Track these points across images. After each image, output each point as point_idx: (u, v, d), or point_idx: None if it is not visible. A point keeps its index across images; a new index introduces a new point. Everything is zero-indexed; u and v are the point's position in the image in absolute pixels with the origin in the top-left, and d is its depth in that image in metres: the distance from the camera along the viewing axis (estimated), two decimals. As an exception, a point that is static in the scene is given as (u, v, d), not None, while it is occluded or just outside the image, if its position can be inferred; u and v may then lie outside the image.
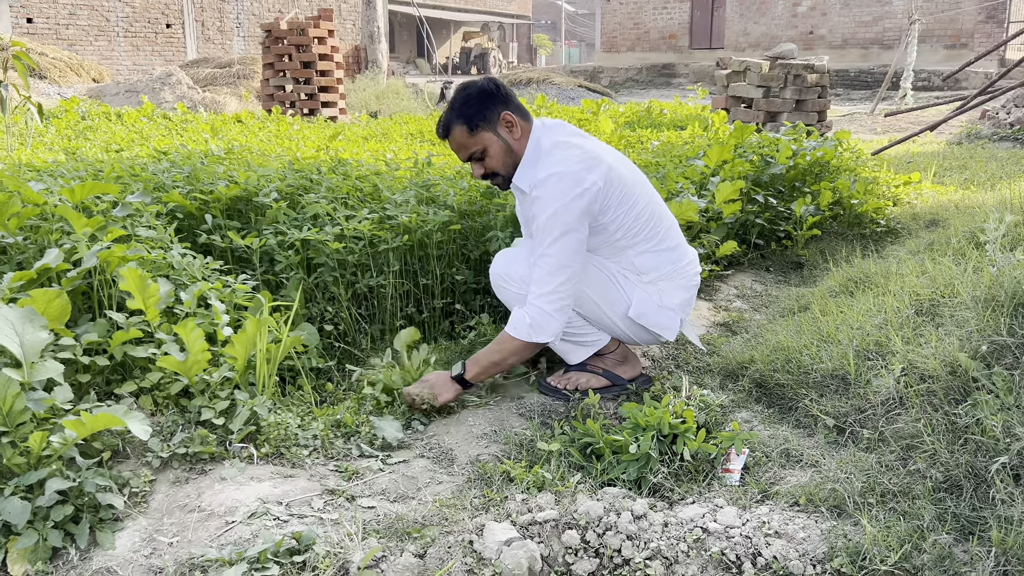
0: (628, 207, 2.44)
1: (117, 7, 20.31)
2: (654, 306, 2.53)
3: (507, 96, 2.43)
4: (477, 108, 2.39)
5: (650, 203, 2.52)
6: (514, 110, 2.42)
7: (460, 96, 2.42)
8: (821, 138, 5.42)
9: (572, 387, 2.57)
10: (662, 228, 2.55)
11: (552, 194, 2.32)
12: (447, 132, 2.43)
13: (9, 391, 1.75)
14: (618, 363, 2.64)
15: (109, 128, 6.96)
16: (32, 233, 2.50)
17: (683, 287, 2.59)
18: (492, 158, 2.42)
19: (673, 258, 2.56)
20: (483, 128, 2.39)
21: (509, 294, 2.56)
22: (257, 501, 1.86)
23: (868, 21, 22.87)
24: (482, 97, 2.40)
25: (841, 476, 1.96)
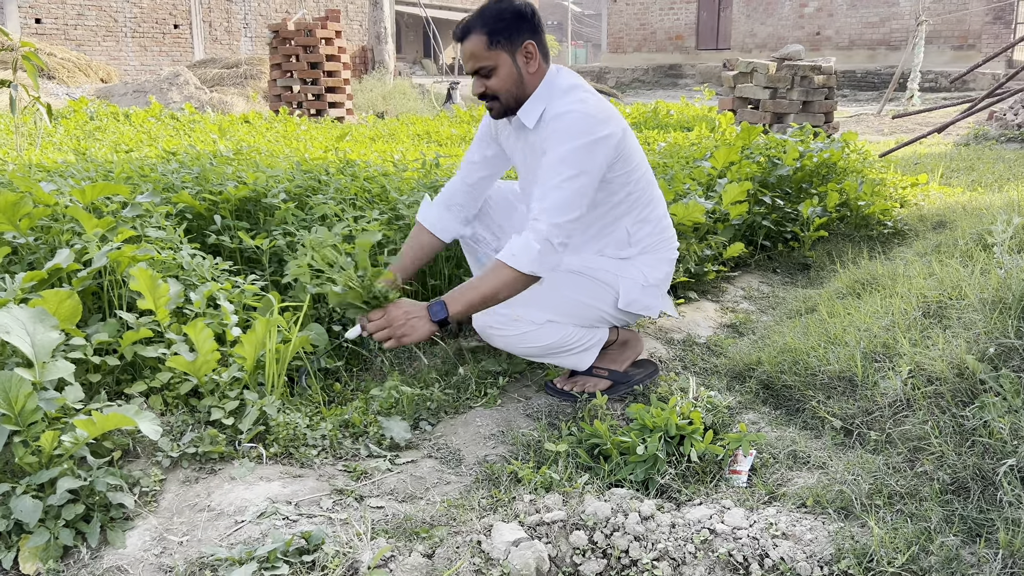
0: (633, 168, 2.39)
1: (125, 8, 20.38)
2: (639, 288, 2.49)
3: (537, 26, 2.32)
4: (505, 24, 2.26)
5: (648, 168, 2.52)
6: (539, 44, 2.32)
7: (492, 8, 2.28)
8: (828, 139, 5.42)
9: (580, 389, 2.57)
10: (656, 195, 2.54)
11: (574, 130, 2.20)
12: (465, 35, 2.29)
13: (21, 391, 1.76)
14: (620, 351, 2.63)
15: (117, 128, 6.99)
16: (43, 233, 2.52)
17: (666, 260, 2.57)
18: (499, 79, 2.30)
19: (661, 227, 2.56)
20: (502, 47, 2.27)
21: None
22: (266, 501, 1.87)
23: (875, 22, 22.82)
24: (515, 16, 2.27)
25: (848, 478, 1.96)
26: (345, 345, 2.88)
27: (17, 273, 2.38)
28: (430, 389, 2.58)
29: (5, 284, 2.10)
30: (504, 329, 2.35)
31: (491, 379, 2.68)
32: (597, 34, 48.14)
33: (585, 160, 2.20)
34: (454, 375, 2.73)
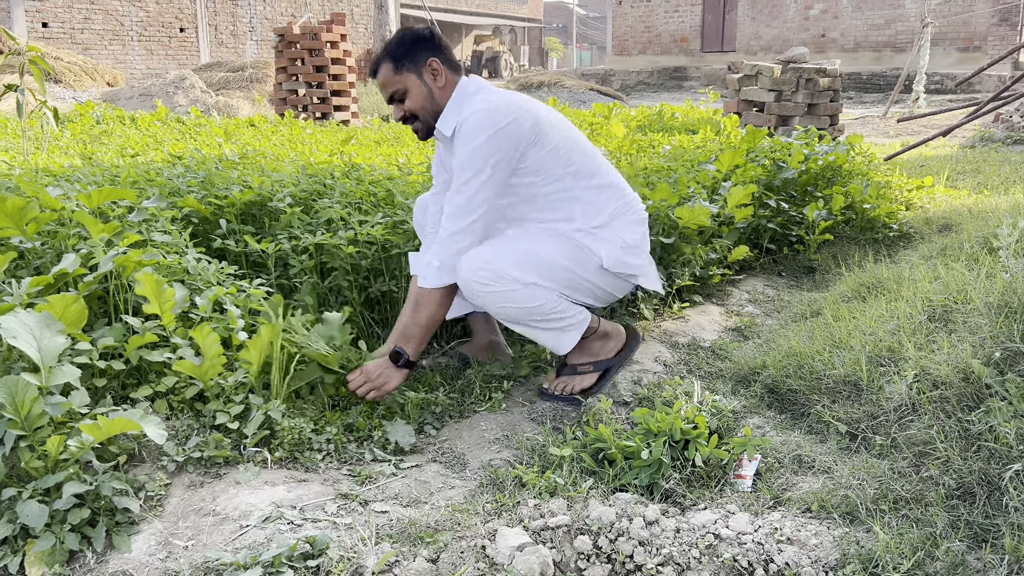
0: (554, 146, 2.45)
1: (131, 11, 20.45)
2: (619, 249, 2.52)
3: (440, 45, 2.47)
4: (406, 49, 2.43)
5: (576, 141, 2.54)
6: (443, 60, 2.46)
7: (395, 38, 2.47)
8: (833, 142, 5.41)
9: (568, 392, 2.57)
10: (592, 165, 2.55)
11: (474, 129, 2.34)
12: (375, 70, 2.47)
13: (27, 395, 1.77)
14: (602, 344, 2.65)
15: (123, 132, 7.01)
16: (49, 238, 2.53)
17: (636, 221, 2.60)
18: (412, 99, 2.45)
19: (618, 193, 2.58)
20: (408, 69, 2.43)
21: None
22: (271, 505, 1.87)
23: (880, 24, 22.79)
24: (413, 39, 2.44)
25: (853, 483, 1.96)
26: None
27: (23, 278, 2.39)
28: (435, 393, 2.58)
29: (12, 289, 2.10)
30: (489, 285, 2.37)
31: (496, 383, 2.68)
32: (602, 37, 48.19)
33: (487, 155, 2.33)
34: (459, 379, 2.73)
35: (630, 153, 5.54)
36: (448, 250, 2.37)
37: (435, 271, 2.37)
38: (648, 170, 4.27)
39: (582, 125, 7.20)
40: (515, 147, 2.36)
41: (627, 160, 5.19)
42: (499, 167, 2.35)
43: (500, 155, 2.34)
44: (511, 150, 2.36)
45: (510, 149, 2.36)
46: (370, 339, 2.99)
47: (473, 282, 2.38)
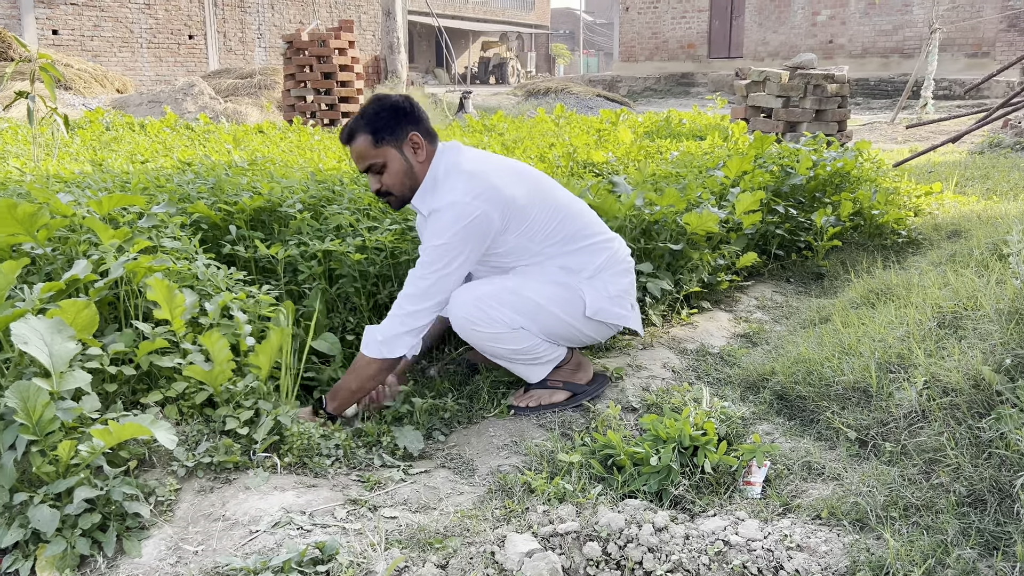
0: (529, 223, 2.45)
1: (141, 19, 20.56)
2: (605, 299, 2.56)
3: (419, 116, 2.43)
4: (386, 121, 2.37)
5: (554, 208, 2.52)
6: (423, 132, 2.43)
7: (372, 106, 2.40)
8: (841, 148, 5.40)
9: (535, 404, 2.58)
10: (577, 226, 2.55)
11: (443, 225, 2.32)
12: (351, 138, 2.40)
13: (39, 400, 1.78)
14: (573, 372, 2.65)
15: (133, 138, 7.04)
16: (61, 244, 2.54)
17: (622, 272, 2.63)
18: (391, 175, 2.42)
19: (604, 247, 2.59)
20: (388, 143, 2.38)
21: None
22: (281, 510, 1.88)
23: (888, 30, 22.76)
24: (394, 111, 2.39)
25: (863, 489, 1.95)
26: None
27: (35, 283, 2.40)
28: (443, 399, 2.58)
29: (23, 294, 2.11)
30: (480, 325, 2.41)
31: (504, 389, 2.68)
32: (609, 43, 48.25)
33: (454, 252, 2.33)
34: (467, 385, 2.73)
35: (638, 159, 5.54)
36: (396, 328, 2.35)
37: (376, 344, 2.35)
38: (656, 176, 4.28)
39: (590, 131, 7.20)
40: (483, 239, 2.36)
41: (635, 166, 5.19)
42: (466, 260, 2.37)
43: (467, 249, 2.35)
44: (478, 243, 2.36)
45: (477, 242, 2.36)
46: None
47: (463, 319, 2.43)
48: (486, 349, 2.51)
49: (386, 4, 17.73)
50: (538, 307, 2.46)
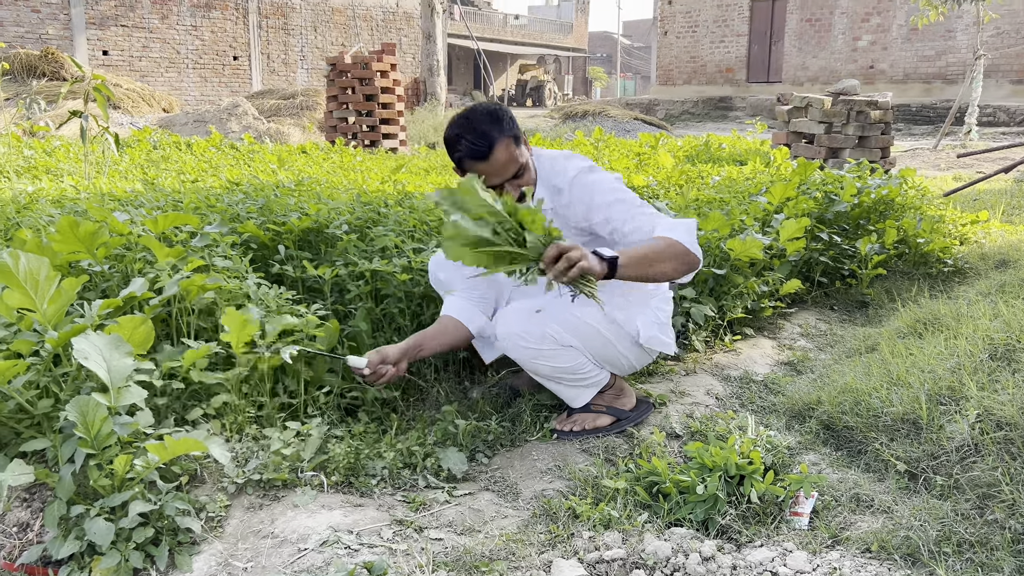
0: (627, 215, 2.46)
1: (187, 40, 21.05)
2: (656, 327, 2.58)
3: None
4: (512, 123, 2.33)
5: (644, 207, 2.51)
6: None
7: (496, 113, 2.31)
8: (885, 175, 5.36)
9: (579, 428, 2.57)
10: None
11: (598, 178, 2.40)
12: (491, 148, 2.26)
13: (98, 415, 1.82)
14: (616, 397, 2.64)
15: (180, 157, 7.19)
16: (117, 261, 2.61)
17: (670, 299, 2.69)
18: (529, 173, 2.39)
19: None
20: (523, 144, 2.37)
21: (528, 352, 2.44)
22: (328, 529, 1.90)
23: (931, 56, 22.54)
24: (508, 115, 2.34)
25: (915, 523, 1.92)
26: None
27: (91, 299, 2.47)
28: (486, 422, 2.59)
29: (83, 311, 2.17)
30: (529, 341, 2.39)
31: (546, 413, 2.68)
32: (646, 66, 48.35)
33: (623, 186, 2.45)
34: (509, 408, 2.74)
35: (679, 184, 5.53)
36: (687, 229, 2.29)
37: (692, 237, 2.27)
38: (699, 201, 4.27)
39: (629, 155, 7.22)
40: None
41: (676, 191, 5.19)
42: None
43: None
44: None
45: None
46: (421, 364, 3.02)
47: (514, 334, 2.40)
48: (531, 367, 2.49)
49: (427, 27, 17.96)
50: (592, 330, 2.46)
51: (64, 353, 2.06)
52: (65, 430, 1.90)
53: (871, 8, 23.46)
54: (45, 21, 18.73)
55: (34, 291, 2.01)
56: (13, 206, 3.39)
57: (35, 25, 18.59)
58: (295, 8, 23.10)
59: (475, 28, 33.61)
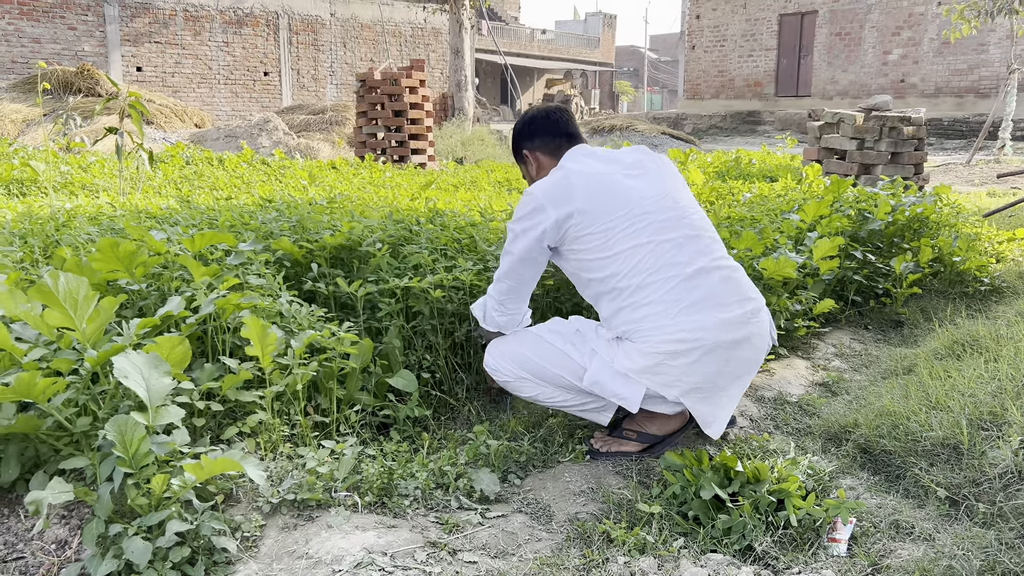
0: (592, 252, 2.38)
1: (219, 56, 21.35)
2: (608, 372, 2.37)
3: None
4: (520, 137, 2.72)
5: (635, 257, 2.33)
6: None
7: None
8: (920, 192, 5.29)
9: (606, 450, 2.54)
10: (638, 287, 2.33)
11: (518, 207, 2.47)
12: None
13: (136, 434, 1.83)
14: (648, 421, 2.56)
15: (212, 173, 7.28)
16: (154, 280, 2.64)
17: (644, 352, 2.32)
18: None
19: (640, 317, 2.33)
20: (524, 155, 2.74)
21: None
22: (363, 551, 1.89)
23: (963, 69, 22.29)
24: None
25: (957, 552, 1.88)
26: (433, 393, 2.91)
27: (128, 318, 2.49)
28: (518, 442, 2.58)
29: (121, 329, 2.19)
30: (498, 374, 2.59)
31: (580, 433, 2.67)
32: (673, 80, 48.29)
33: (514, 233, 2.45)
34: (541, 427, 2.73)
35: (710, 201, 5.51)
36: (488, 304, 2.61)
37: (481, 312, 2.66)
38: (731, 219, 4.24)
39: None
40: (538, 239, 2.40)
41: (707, 208, 5.16)
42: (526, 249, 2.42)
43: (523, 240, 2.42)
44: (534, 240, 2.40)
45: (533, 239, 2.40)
46: (453, 383, 3.02)
47: (489, 370, 2.61)
48: (527, 399, 2.61)
49: (455, 43, 18.08)
50: (530, 361, 2.50)
51: (103, 371, 2.09)
52: (103, 448, 1.91)
53: (902, 22, 23.27)
54: (81, 38, 19.09)
55: (73, 310, 2.03)
56: (52, 223, 3.44)
57: (71, 42, 18.95)
58: (325, 24, 23.35)
59: (503, 43, 33.77)
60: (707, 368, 2.30)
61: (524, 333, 2.59)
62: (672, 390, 2.33)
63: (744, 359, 2.36)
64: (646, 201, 2.39)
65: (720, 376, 2.33)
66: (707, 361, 2.29)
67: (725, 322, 2.31)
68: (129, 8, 19.68)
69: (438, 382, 3.00)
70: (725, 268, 2.42)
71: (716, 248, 2.45)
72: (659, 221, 2.37)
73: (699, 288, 2.32)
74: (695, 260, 2.35)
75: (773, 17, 26.31)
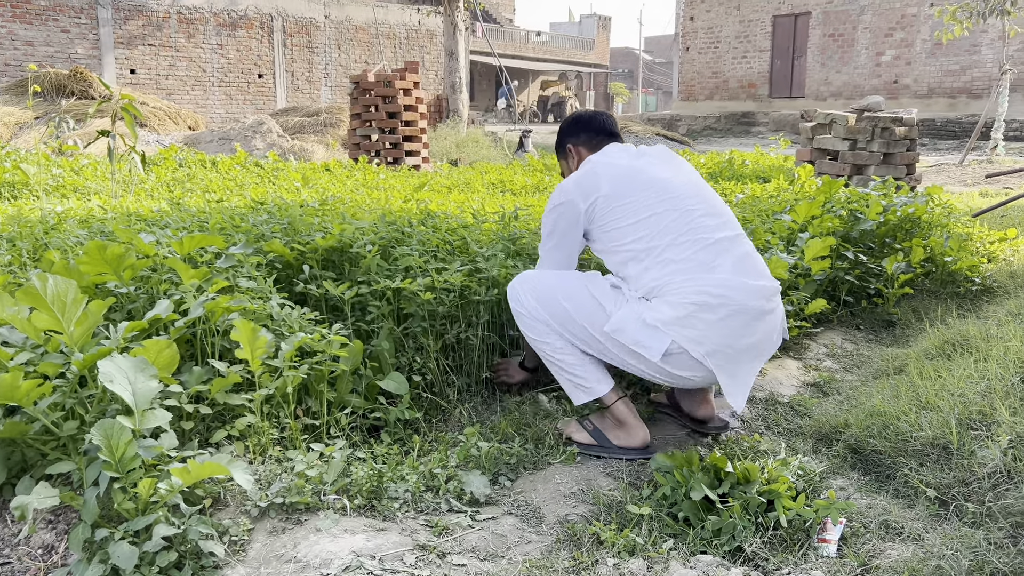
0: (620, 224, 2.49)
1: (213, 59, 21.32)
2: (634, 321, 2.37)
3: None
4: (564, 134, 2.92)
5: (661, 223, 2.43)
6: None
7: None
8: (911, 193, 5.30)
9: (565, 433, 2.62)
10: (665, 248, 2.41)
11: (551, 199, 2.62)
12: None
13: (122, 438, 1.82)
14: (614, 426, 2.56)
15: (205, 175, 7.26)
16: (143, 283, 2.63)
17: (672, 304, 2.34)
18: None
19: (670, 271, 2.39)
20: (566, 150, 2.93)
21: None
22: (351, 554, 1.89)
23: (955, 70, 22.37)
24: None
25: (946, 552, 1.88)
26: (424, 396, 2.90)
27: (116, 321, 2.48)
28: (509, 444, 2.57)
29: (109, 333, 2.18)
30: (514, 304, 2.62)
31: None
32: (668, 82, 48.38)
33: (546, 223, 2.64)
34: (532, 428, 2.72)
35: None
36: (515, 286, 2.64)
37: (514, 291, 2.68)
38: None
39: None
40: (571, 221, 2.57)
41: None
42: (557, 234, 2.61)
43: (554, 226, 2.61)
44: (567, 223, 2.58)
45: (566, 223, 2.58)
46: (444, 385, 3.01)
47: (510, 296, 2.64)
48: (528, 340, 2.65)
49: (449, 45, 18.07)
50: (565, 311, 2.49)
51: (90, 375, 2.08)
52: (90, 453, 1.91)
53: (894, 23, 23.35)
54: (74, 41, 19.06)
55: (61, 313, 2.02)
56: (42, 226, 3.43)
57: (64, 45, 18.92)
58: (319, 26, 23.34)
59: (497, 45, 33.79)
60: (734, 330, 2.34)
61: (559, 273, 2.61)
62: (700, 347, 2.32)
63: (766, 334, 2.43)
64: (671, 185, 2.52)
65: (744, 344, 2.37)
66: (734, 323, 2.34)
67: (752, 288, 2.39)
68: (123, 11, 19.65)
69: (429, 384, 2.99)
70: (749, 247, 2.54)
71: (739, 228, 2.58)
72: (684, 198, 2.50)
73: (726, 253, 2.43)
74: (720, 230, 2.47)
75: (767, 18, 26.37)
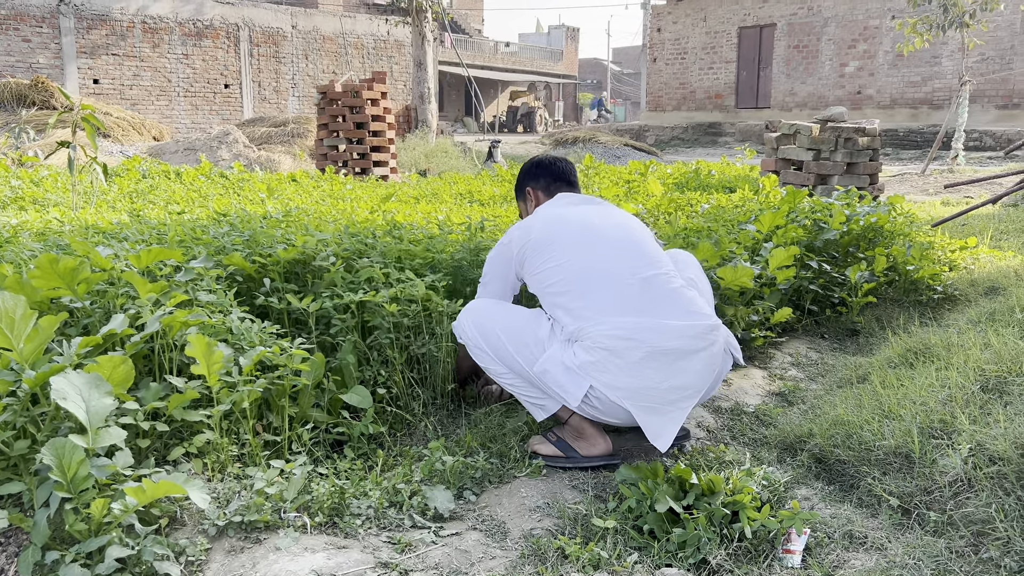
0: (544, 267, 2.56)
1: (179, 69, 21.11)
2: (558, 364, 2.42)
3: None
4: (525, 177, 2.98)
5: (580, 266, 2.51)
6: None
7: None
8: (874, 202, 5.37)
9: (530, 449, 2.61)
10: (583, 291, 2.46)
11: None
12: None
13: (74, 458, 1.78)
14: (575, 437, 2.56)
15: (169, 187, 7.17)
16: (99, 297, 2.57)
17: (587, 348, 2.38)
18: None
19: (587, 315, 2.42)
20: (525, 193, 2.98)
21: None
22: (311, 573, 1.85)
23: (917, 81, 22.77)
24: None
25: (909, 562, 1.89)
26: (389, 409, 2.87)
27: (72, 337, 2.42)
28: (474, 458, 2.55)
29: (62, 349, 2.13)
30: (459, 331, 2.71)
31: (536, 447, 2.64)
32: (636, 92, 48.72)
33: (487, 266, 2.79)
34: (497, 442, 2.70)
35: (668, 212, 5.53)
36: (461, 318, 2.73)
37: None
38: (688, 230, 4.26)
39: (619, 183, 7.22)
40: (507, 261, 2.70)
41: (665, 219, 5.19)
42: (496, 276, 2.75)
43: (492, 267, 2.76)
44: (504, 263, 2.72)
45: (503, 263, 2.72)
46: (409, 399, 2.98)
47: (455, 327, 2.74)
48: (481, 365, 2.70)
49: (417, 56, 18.06)
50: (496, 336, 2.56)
51: (42, 393, 2.02)
52: (41, 473, 1.85)
53: (857, 35, 23.73)
54: (36, 50, 18.78)
55: (10, 330, 1.97)
56: (-4, 239, 3.35)
57: (25, 54, 18.63)
58: (286, 36, 23.22)
59: (466, 55, 33.85)
60: (651, 374, 2.34)
61: (504, 307, 2.69)
62: (617, 391, 2.34)
63: (695, 372, 2.40)
64: (599, 230, 2.60)
65: (669, 385, 2.36)
66: (653, 365, 2.34)
67: (671, 328, 2.38)
68: (85, 20, 19.41)
69: (394, 398, 2.96)
70: (677, 284, 2.54)
71: (668, 267, 2.58)
72: (611, 240, 2.61)
73: (647, 293, 2.46)
74: (646, 270, 2.50)
75: (732, 30, 26.68)
